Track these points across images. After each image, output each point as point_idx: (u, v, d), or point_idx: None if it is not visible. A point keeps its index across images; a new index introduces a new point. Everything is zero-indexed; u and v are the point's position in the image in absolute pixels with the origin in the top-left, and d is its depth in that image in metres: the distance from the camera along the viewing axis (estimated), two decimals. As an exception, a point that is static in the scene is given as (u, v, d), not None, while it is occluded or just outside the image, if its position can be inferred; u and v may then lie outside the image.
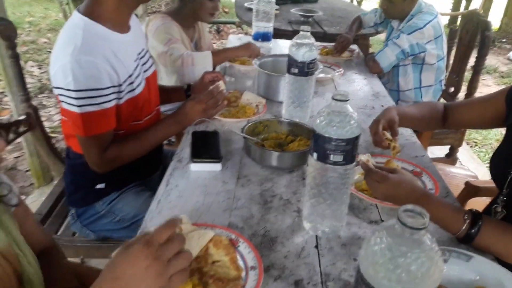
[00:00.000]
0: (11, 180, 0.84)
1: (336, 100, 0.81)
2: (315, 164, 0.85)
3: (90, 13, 1.13)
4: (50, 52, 4.58)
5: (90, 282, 0.99)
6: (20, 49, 4.46)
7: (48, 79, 3.99)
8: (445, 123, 1.25)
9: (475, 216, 0.83)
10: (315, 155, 0.85)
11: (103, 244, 1.39)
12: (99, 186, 1.33)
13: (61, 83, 1.09)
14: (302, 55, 1.29)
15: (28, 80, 3.90)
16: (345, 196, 0.88)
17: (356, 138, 0.82)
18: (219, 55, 1.85)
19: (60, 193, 1.59)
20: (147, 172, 1.46)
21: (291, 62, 1.32)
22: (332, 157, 0.82)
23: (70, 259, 1.08)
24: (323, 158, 0.83)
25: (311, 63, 1.31)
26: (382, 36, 3.19)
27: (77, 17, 1.13)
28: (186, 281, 0.75)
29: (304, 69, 1.31)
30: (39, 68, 4.19)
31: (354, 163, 0.85)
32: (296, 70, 1.32)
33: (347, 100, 0.81)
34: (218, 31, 5.32)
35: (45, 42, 4.86)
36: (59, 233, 1.46)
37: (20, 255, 0.77)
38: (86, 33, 1.10)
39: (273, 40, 2.27)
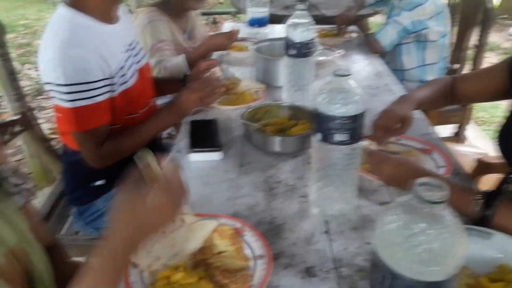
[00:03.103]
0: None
1: (337, 75, 0.76)
2: (319, 145, 0.81)
3: (76, 4, 1.09)
4: (45, 53, 4.54)
5: None
6: (16, 52, 4.42)
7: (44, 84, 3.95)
8: (453, 98, 1.19)
9: (489, 196, 0.78)
10: (318, 136, 0.80)
11: (106, 242, 1.36)
12: (99, 182, 1.30)
13: (51, 78, 1.06)
14: (299, 35, 1.24)
15: (26, 82, 3.86)
16: (353, 177, 0.84)
17: (361, 114, 0.77)
18: (194, 54, 1.72)
19: (61, 193, 1.56)
20: (147, 166, 1.42)
21: (289, 44, 1.27)
22: (336, 137, 0.78)
23: (76, 259, 1.06)
24: (327, 138, 0.79)
25: (309, 43, 1.26)
26: (380, 19, 3.12)
27: (63, 10, 1.09)
28: (192, 274, 0.71)
29: (302, 50, 1.26)
30: (36, 70, 4.15)
31: (360, 142, 0.81)
32: (294, 52, 1.27)
33: (349, 75, 0.76)
34: (214, 22, 5.25)
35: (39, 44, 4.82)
36: (62, 232, 1.43)
37: (30, 253, 0.75)
38: (73, 26, 1.06)
39: (270, 26, 2.21)
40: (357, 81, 0.77)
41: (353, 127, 0.77)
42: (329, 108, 0.76)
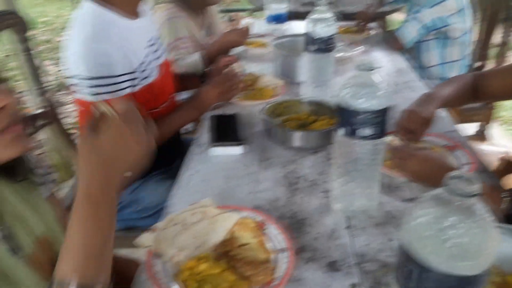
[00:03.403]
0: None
1: (362, 69, 0.76)
2: (342, 140, 0.81)
3: None
4: (65, 50, 4.62)
5: (118, 270, 0.98)
6: (36, 49, 4.50)
7: (67, 78, 4.02)
8: (476, 96, 1.16)
9: None
10: (342, 130, 0.80)
11: (129, 234, 1.37)
12: (120, 175, 1.31)
13: (74, 72, 1.08)
14: (321, 30, 1.23)
15: (46, 78, 3.93)
16: (376, 173, 0.83)
17: (386, 109, 0.77)
18: (209, 51, 1.71)
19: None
20: (167, 160, 1.43)
21: (309, 40, 1.26)
22: (360, 132, 0.77)
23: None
24: (350, 133, 0.78)
25: (330, 38, 1.25)
26: (400, 17, 3.08)
27: (86, 5, 1.11)
28: (216, 265, 0.72)
29: (323, 46, 1.25)
30: (56, 66, 4.23)
31: (385, 137, 0.80)
32: (315, 47, 1.26)
33: (374, 69, 0.75)
34: (231, 20, 5.26)
35: (59, 41, 4.90)
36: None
37: (57, 242, 0.76)
38: (97, 20, 1.08)
39: (288, 22, 2.20)
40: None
41: (378, 121, 0.76)
42: (354, 102, 0.75)
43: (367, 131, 0.77)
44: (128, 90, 1.13)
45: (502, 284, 0.66)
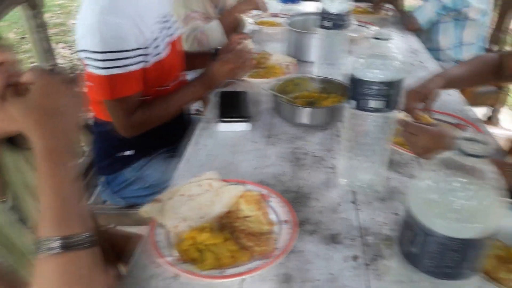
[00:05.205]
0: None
1: (377, 39, 0.73)
2: (352, 112, 0.79)
3: None
4: (79, 33, 4.64)
5: (120, 244, 0.97)
6: (51, 31, 4.53)
7: (79, 59, 4.05)
8: (500, 75, 1.12)
9: None
10: (352, 103, 0.78)
11: (133, 210, 1.39)
12: (127, 152, 1.32)
13: (87, 45, 1.07)
14: (336, 6, 1.20)
15: (59, 61, 3.96)
16: (384, 147, 0.81)
17: (399, 81, 0.74)
18: (226, 19, 1.73)
19: (91, 163, 1.60)
20: (175, 138, 1.43)
21: (324, 15, 1.23)
22: (371, 103, 0.75)
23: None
24: (362, 105, 0.76)
25: (344, 15, 1.22)
26: (413, 2, 3.00)
27: None
28: (217, 235, 0.72)
29: (337, 22, 1.22)
30: (69, 49, 4.26)
31: (395, 110, 0.78)
32: (329, 24, 1.23)
33: (389, 39, 0.73)
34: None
35: (74, 24, 4.93)
36: (90, 201, 1.47)
37: None
38: None
39: (302, 3, 2.16)
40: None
41: (390, 94, 0.74)
42: (367, 73, 0.73)
43: (378, 103, 0.75)
44: (140, 65, 1.13)
45: (506, 257, 0.64)
